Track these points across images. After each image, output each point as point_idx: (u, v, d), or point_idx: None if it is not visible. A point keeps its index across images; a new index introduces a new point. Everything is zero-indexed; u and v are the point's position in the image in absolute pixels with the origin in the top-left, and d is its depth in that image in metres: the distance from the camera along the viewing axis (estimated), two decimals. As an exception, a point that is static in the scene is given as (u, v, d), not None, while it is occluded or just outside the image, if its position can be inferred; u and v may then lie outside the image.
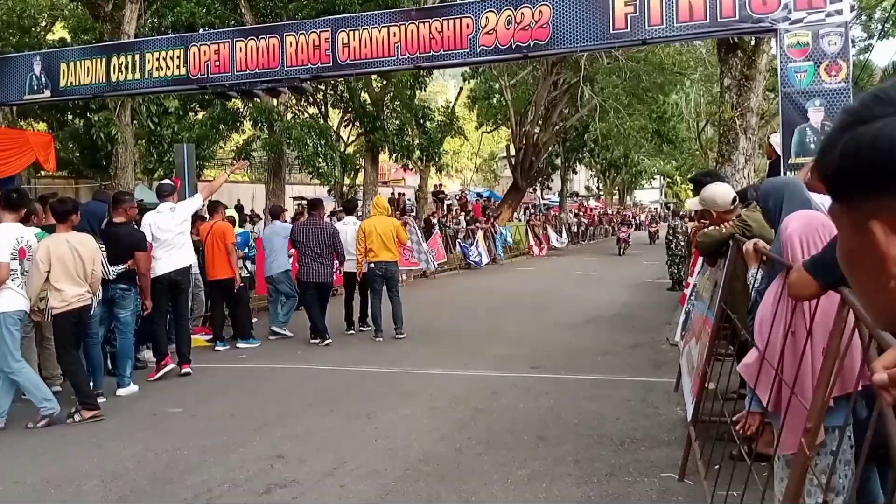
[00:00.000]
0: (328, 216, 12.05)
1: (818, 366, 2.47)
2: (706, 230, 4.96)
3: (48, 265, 5.95)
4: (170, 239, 7.65)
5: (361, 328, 10.16)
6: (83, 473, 4.81)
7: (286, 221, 10.89)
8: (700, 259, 6.35)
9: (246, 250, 10.71)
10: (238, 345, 9.15)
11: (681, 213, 17.18)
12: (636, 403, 6.16)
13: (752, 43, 9.14)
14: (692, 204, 5.59)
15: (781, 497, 2.78)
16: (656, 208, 62.49)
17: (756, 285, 3.63)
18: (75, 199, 6.71)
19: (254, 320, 10.01)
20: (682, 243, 14.26)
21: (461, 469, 4.71)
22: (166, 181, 8.62)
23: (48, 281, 5.99)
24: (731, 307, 3.94)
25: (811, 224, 2.91)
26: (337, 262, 9.65)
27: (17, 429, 5.88)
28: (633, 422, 5.63)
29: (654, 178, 58.05)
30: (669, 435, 5.24)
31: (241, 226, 10.38)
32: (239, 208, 17.79)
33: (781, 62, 6.40)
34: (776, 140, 6.72)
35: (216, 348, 8.99)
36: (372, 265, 9.43)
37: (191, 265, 7.97)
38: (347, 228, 10.27)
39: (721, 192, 4.86)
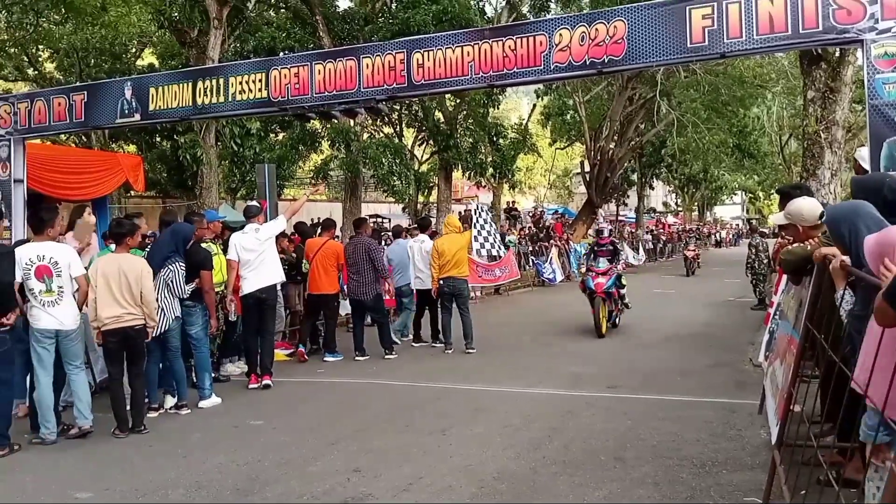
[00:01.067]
0: (404, 234, 12.24)
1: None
2: (790, 247, 4.79)
3: (95, 283, 6.22)
4: (253, 259, 7.93)
5: (433, 344, 10.27)
6: (169, 483, 4.98)
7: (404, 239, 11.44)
8: (784, 277, 6.13)
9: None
10: (325, 358, 9.42)
11: (760, 229, 16.63)
12: (718, 425, 5.98)
13: (837, 54, 8.82)
14: (776, 218, 5.41)
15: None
16: (738, 224, 60.69)
17: (845, 307, 3.50)
18: (133, 222, 6.93)
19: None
20: (764, 261, 13.83)
21: (536, 489, 4.66)
22: (253, 203, 8.97)
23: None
24: (817, 327, 3.79)
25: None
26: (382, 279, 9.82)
27: (106, 437, 6.14)
28: (715, 444, 5.46)
29: (735, 194, 56.48)
30: (753, 458, 5.06)
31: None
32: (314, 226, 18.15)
33: (868, 73, 6.14)
34: (863, 154, 6.44)
35: (304, 357, 9.39)
36: (441, 282, 9.84)
37: (276, 283, 8.24)
38: (420, 246, 10.62)
39: (808, 206, 4.69)
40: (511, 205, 29.74)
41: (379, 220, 25.06)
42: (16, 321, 5.81)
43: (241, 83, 8.04)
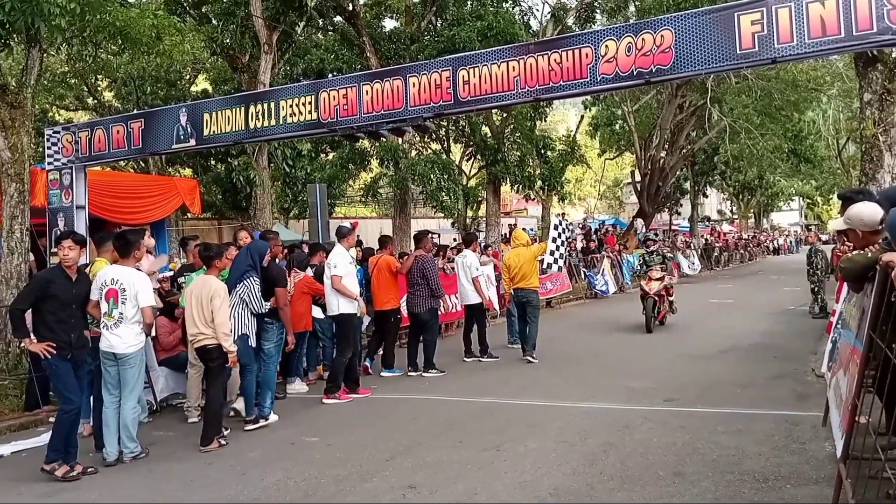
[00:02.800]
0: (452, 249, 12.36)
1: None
2: (850, 255, 4.66)
3: (188, 302, 6.58)
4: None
5: (481, 359, 10.35)
6: (229, 499, 5.07)
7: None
8: (845, 285, 5.96)
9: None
10: (382, 373, 9.56)
11: (815, 234, 16.15)
12: (780, 438, 5.82)
13: (894, 55, 8.57)
14: (836, 224, 5.26)
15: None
16: (796, 230, 59.15)
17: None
18: (220, 246, 7.21)
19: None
20: (821, 266, 13.43)
21: (594, 504, 4.61)
22: (345, 224, 9.27)
23: None
24: (881, 336, 3.68)
25: None
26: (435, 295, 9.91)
27: (163, 455, 6.29)
28: (777, 458, 5.32)
29: (791, 200, 55.09)
30: (817, 472, 4.91)
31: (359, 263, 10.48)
32: (358, 243, 18.36)
33: (928, 72, 5.97)
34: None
35: (367, 372, 9.52)
36: (512, 292, 10.57)
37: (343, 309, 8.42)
38: (463, 261, 10.85)
39: (868, 212, 4.56)
40: (560, 217, 29.51)
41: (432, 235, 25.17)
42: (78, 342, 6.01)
43: (291, 106, 8.21)
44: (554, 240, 11.05)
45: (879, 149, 8.26)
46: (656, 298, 12.55)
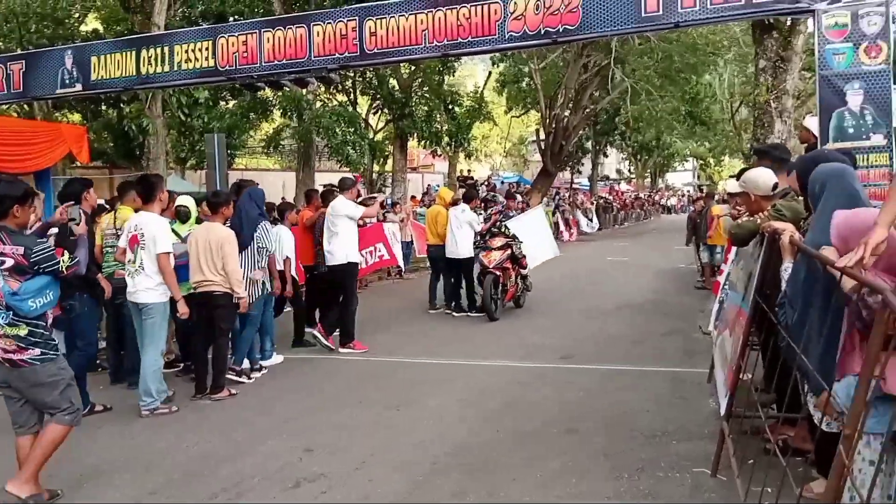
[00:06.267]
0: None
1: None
2: (740, 221, 4.84)
3: (190, 250, 6.49)
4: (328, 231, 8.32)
5: (469, 314, 10.48)
6: (117, 466, 4.87)
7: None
8: (734, 248, 6.22)
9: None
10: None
11: (712, 194, 16.52)
12: (668, 395, 6.08)
13: (788, 23, 8.88)
14: (731, 186, 5.42)
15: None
16: (689, 191, 61.60)
17: (787, 278, 3.52)
18: (229, 193, 7.05)
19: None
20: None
21: (490, 463, 4.68)
22: (347, 176, 8.92)
23: None
24: (765, 300, 3.84)
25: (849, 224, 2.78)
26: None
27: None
28: (665, 414, 5.55)
29: (686, 161, 57.23)
30: (701, 428, 5.16)
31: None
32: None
33: (819, 44, 6.20)
34: (811, 123, 6.53)
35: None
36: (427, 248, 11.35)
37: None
38: (461, 216, 10.52)
39: (764, 177, 4.72)
40: (466, 174, 29.64)
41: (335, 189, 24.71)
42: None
43: (186, 51, 7.79)
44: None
45: (771, 115, 8.60)
46: (498, 273, 9.93)
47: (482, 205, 11.72)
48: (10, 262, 4.02)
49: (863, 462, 2.62)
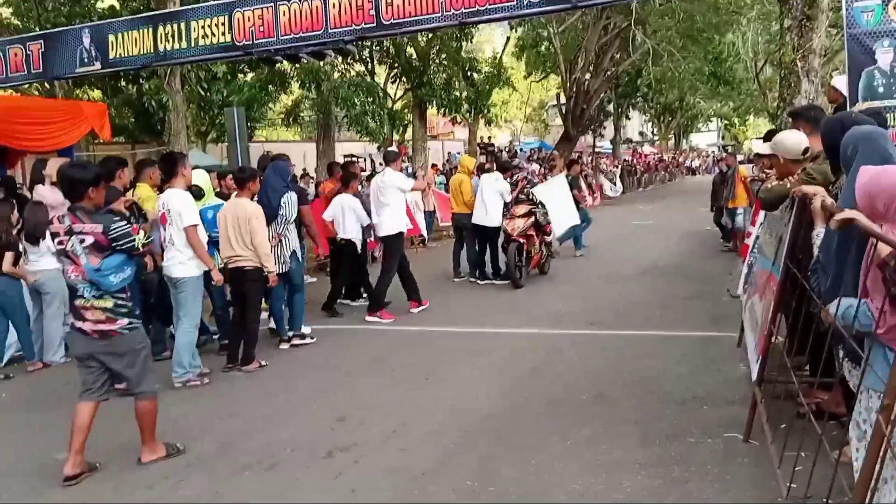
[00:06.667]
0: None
1: None
2: (769, 185, 4.75)
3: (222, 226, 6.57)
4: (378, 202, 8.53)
5: (493, 281, 10.45)
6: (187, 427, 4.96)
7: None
8: (762, 211, 6.12)
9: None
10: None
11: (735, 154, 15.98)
12: (698, 359, 6.06)
13: (814, -20, 8.63)
14: (761, 147, 5.32)
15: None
16: (714, 151, 60.73)
17: (819, 244, 3.46)
18: (254, 168, 7.10)
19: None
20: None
21: (520, 430, 4.71)
22: (392, 148, 9.08)
23: None
24: (797, 265, 3.78)
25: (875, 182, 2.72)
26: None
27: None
28: (695, 379, 5.54)
29: (710, 121, 56.35)
30: (733, 393, 5.14)
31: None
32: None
33: (847, 1, 6.03)
34: (839, 82, 6.36)
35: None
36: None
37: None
38: (495, 185, 10.41)
39: (792, 140, 4.62)
40: (487, 140, 29.41)
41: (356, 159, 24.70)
42: None
43: (203, 27, 7.77)
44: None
45: (797, 74, 8.38)
46: (522, 241, 9.92)
47: (511, 174, 11.36)
48: (90, 240, 4.24)
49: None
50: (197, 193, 7.05)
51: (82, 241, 4.22)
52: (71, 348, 4.52)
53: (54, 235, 4.37)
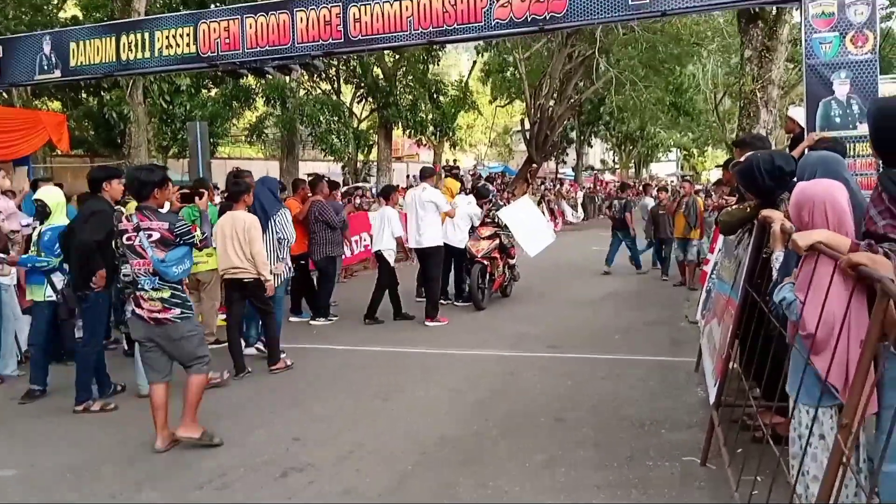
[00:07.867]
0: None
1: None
2: (730, 209, 4.82)
3: (216, 238, 6.65)
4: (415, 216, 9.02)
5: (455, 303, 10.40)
6: (103, 458, 4.79)
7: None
8: (721, 237, 6.21)
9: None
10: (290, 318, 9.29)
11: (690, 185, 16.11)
12: (656, 384, 6.08)
13: (774, 13, 8.89)
14: (715, 174, 5.41)
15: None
16: (672, 181, 61.75)
17: (778, 267, 3.51)
18: (248, 182, 7.03)
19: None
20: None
21: (478, 453, 4.65)
22: (427, 165, 9.25)
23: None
24: (756, 289, 3.82)
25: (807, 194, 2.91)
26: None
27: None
28: (653, 403, 5.55)
29: (670, 151, 57.41)
30: (690, 417, 5.16)
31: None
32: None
33: (806, 33, 6.20)
34: (795, 113, 6.53)
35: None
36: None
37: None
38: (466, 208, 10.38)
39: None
40: (452, 163, 29.52)
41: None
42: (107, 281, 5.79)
43: (167, 37, 7.67)
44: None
45: (756, 104, 8.60)
46: (486, 263, 9.86)
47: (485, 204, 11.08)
48: (157, 235, 4.74)
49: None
50: (42, 211, 6.17)
51: (149, 236, 4.71)
52: (132, 332, 5.09)
53: (122, 233, 4.81)
